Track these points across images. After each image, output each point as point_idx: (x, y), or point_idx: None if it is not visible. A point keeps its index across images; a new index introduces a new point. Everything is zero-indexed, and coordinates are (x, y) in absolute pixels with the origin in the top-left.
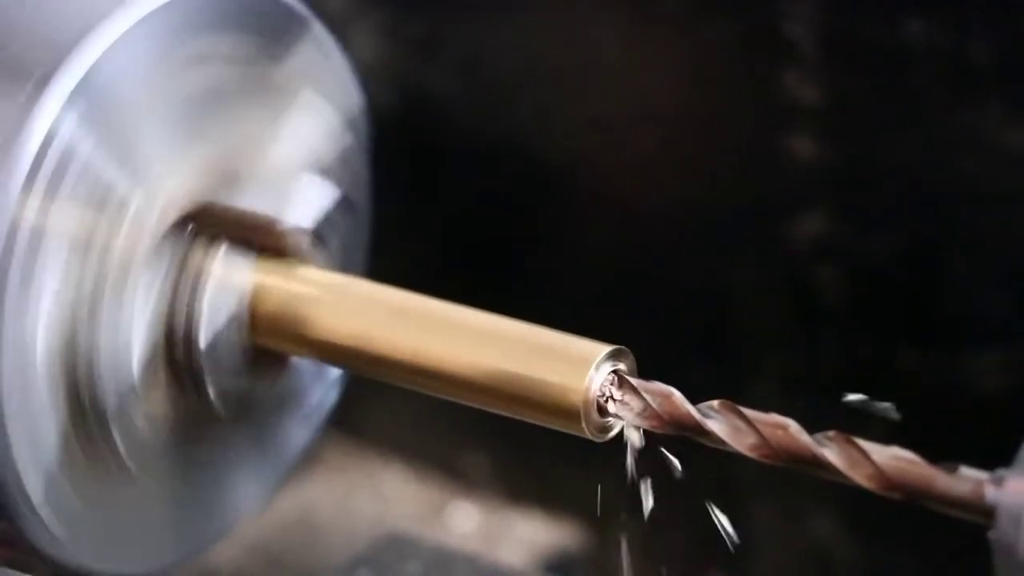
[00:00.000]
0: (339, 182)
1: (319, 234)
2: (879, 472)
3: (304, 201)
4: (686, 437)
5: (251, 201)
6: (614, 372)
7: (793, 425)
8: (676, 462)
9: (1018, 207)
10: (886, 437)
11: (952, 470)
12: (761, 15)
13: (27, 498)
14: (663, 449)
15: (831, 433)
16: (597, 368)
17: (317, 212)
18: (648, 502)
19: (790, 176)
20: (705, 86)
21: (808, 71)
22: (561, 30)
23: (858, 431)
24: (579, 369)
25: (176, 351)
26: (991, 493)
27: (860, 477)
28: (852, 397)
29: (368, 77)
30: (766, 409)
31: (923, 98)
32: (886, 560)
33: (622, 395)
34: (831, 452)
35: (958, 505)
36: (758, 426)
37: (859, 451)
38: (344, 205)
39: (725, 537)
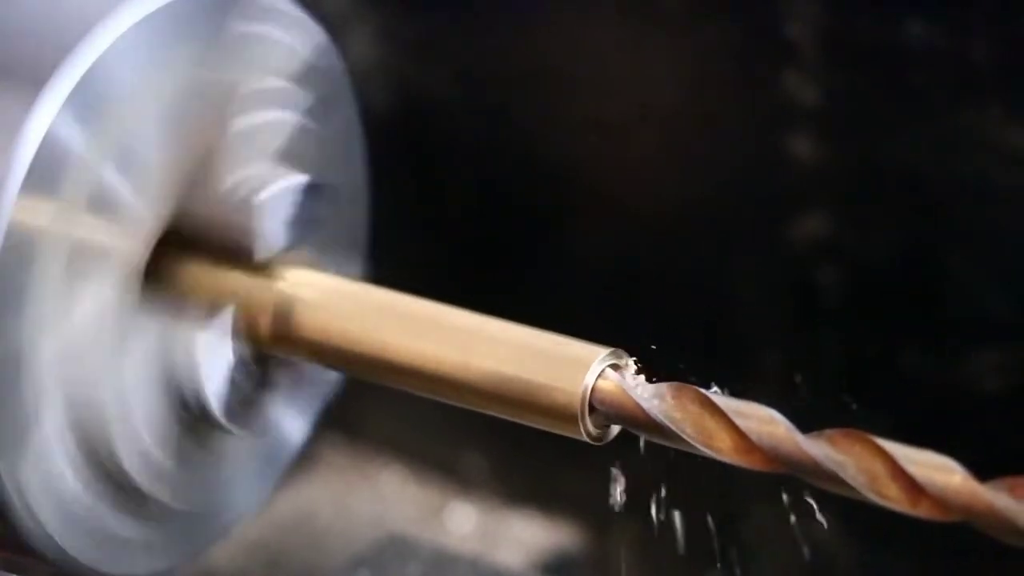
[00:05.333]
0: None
1: (297, 232)
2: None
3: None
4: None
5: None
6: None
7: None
8: None
9: (1018, 207)
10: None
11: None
12: (761, 15)
13: (28, 502)
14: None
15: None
16: (595, 371)
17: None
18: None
19: (790, 176)
20: (705, 86)
21: (808, 71)
22: (560, 31)
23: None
24: (576, 372)
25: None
26: None
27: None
28: None
29: (367, 79)
30: None
31: (923, 98)
32: (886, 560)
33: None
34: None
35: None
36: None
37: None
38: (319, 195)
39: None
